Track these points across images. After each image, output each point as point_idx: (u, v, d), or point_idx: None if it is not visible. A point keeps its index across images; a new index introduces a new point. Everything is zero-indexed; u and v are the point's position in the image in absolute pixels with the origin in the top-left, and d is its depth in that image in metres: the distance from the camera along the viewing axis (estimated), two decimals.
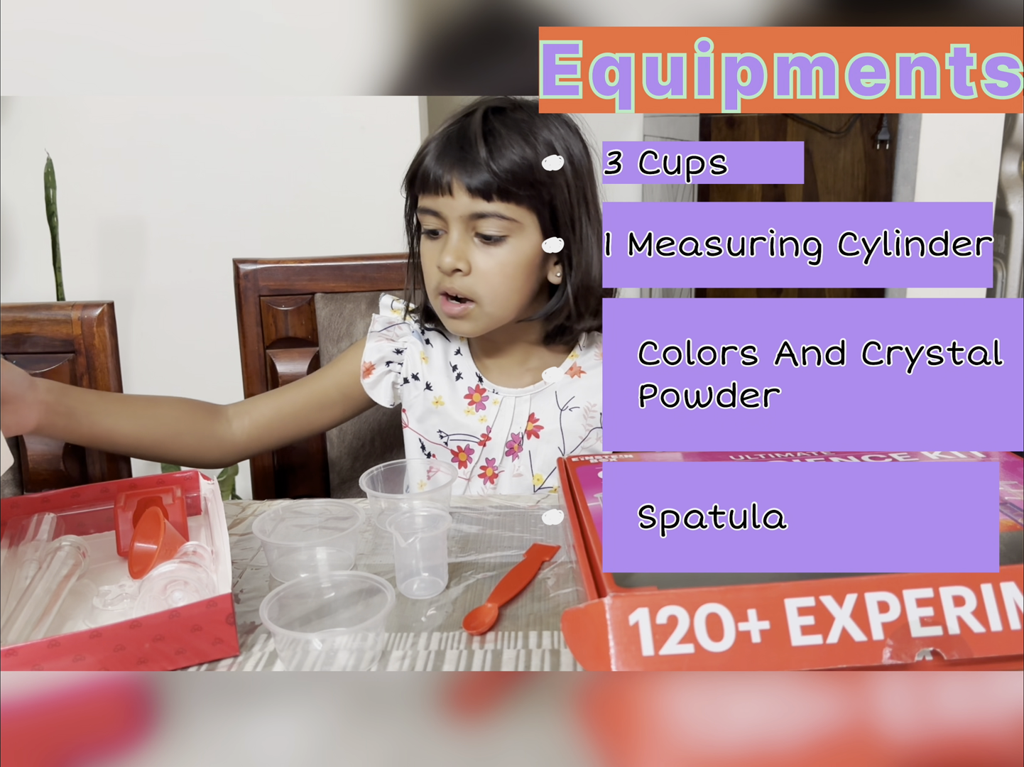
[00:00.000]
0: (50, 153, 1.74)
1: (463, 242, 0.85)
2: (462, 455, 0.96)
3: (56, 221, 1.75)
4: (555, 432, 0.94)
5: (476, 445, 0.95)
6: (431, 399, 0.96)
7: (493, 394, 0.95)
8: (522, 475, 0.95)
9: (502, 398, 0.95)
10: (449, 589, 0.67)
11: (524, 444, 0.95)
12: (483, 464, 0.95)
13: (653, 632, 0.45)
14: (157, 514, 0.72)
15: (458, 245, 0.85)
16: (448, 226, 0.85)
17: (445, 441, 0.96)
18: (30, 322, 1.00)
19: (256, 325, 1.13)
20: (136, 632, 0.57)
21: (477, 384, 0.96)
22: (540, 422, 0.94)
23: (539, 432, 0.94)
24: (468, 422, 0.95)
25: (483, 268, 0.85)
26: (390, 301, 1.00)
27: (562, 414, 0.94)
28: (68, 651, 0.55)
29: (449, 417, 0.96)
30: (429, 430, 0.97)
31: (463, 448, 0.96)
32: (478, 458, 0.95)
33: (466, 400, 0.96)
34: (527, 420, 0.95)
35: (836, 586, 0.47)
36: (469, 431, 0.95)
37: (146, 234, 2.01)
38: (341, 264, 1.14)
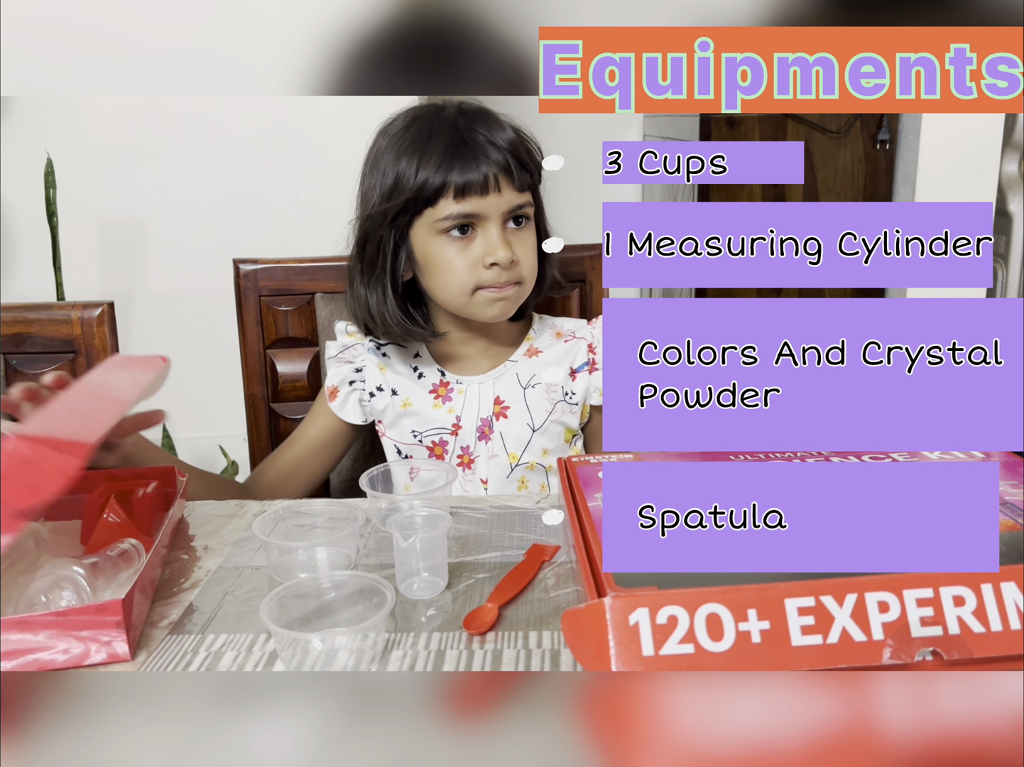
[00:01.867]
0: (50, 153, 1.74)
1: (504, 233, 0.90)
2: (437, 449, 0.99)
3: (56, 221, 1.75)
4: (522, 410, 0.99)
5: (449, 436, 0.98)
6: (399, 403, 0.99)
7: (457, 384, 0.99)
8: (497, 456, 0.98)
9: (466, 387, 0.99)
10: (449, 589, 0.67)
11: (494, 426, 0.98)
12: (459, 453, 0.99)
13: (653, 632, 0.45)
14: (112, 505, 0.72)
15: (504, 237, 0.90)
16: (485, 223, 0.89)
17: (419, 439, 0.99)
18: (30, 322, 1.00)
19: (256, 325, 1.13)
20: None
21: (440, 379, 1.00)
22: (506, 403, 0.99)
23: (506, 412, 0.98)
24: (437, 416, 0.99)
25: (522, 253, 0.92)
26: (344, 326, 1.04)
27: (525, 391, 0.99)
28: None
29: (419, 415, 0.99)
30: (403, 433, 1.00)
31: (437, 442, 0.99)
32: (453, 448, 0.99)
33: (431, 395, 0.99)
34: (493, 403, 0.99)
35: (836, 586, 0.47)
36: (440, 424, 0.99)
37: (146, 234, 2.01)
38: (341, 264, 1.13)
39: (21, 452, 0.56)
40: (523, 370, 1.00)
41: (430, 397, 0.99)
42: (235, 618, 0.64)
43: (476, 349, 1.01)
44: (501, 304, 0.92)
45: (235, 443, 1.81)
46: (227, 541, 0.77)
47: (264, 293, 1.13)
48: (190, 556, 0.75)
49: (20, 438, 0.57)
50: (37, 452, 0.57)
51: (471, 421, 0.98)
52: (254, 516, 0.81)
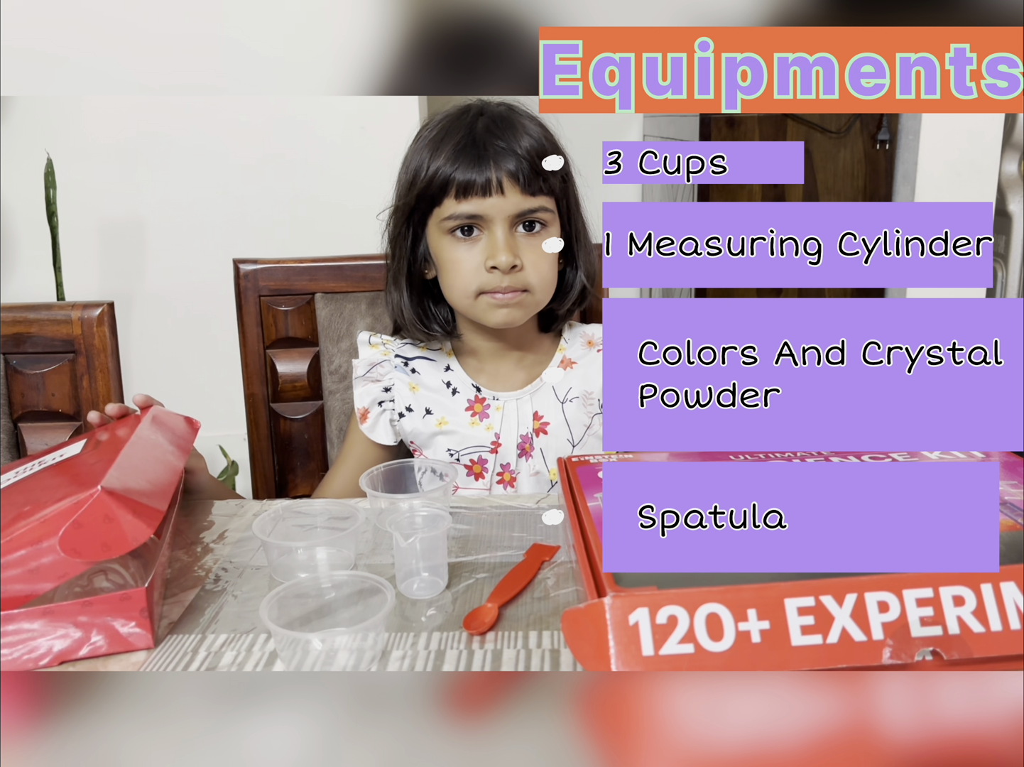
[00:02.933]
0: (50, 153, 1.74)
1: (511, 238, 0.88)
2: (476, 467, 0.96)
3: (56, 221, 1.75)
4: (561, 424, 0.96)
5: (488, 454, 0.96)
6: (433, 423, 0.97)
7: (494, 401, 0.97)
8: (539, 473, 0.96)
9: (503, 403, 0.96)
10: (449, 589, 0.67)
11: (534, 443, 0.96)
12: (499, 471, 0.96)
13: (653, 632, 0.45)
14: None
15: (509, 242, 0.87)
16: (490, 225, 0.87)
17: (456, 458, 0.96)
18: (30, 322, 1.00)
19: (256, 325, 1.13)
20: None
21: (476, 395, 0.97)
22: (545, 418, 0.96)
23: (546, 428, 0.96)
24: (475, 434, 0.96)
25: (532, 259, 0.88)
26: (367, 338, 1.01)
27: (564, 406, 0.97)
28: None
29: (455, 434, 0.96)
30: (438, 452, 0.97)
31: (476, 460, 0.96)
32: (493, 466, 0.96)
33: (468, 413, 0.97)
34: (532, 419, 0.96)
35: (836, 586, 0.47)
36: (478, 442, 0.96)
37: (146, 234, 2.01)
38: (341, 264, 1.14)
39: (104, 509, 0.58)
40: (559, 385, 0.98)
41: (467, 415, 0.96)
42: (235, 618, 0.64)
43: (509, 362, 0.98)
44: (506, 311, 0.89)
45: (235, 443, 1.81)
46: (227, 541, 0.77)
47: (264, 293, 1.13)
48: (190, 556, 0.75)
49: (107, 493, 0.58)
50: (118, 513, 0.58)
51: (511, 438, 0.96)
52: (254, 516, 0.81)
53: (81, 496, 0.58)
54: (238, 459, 1.90)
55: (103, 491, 0.58)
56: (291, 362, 1.15)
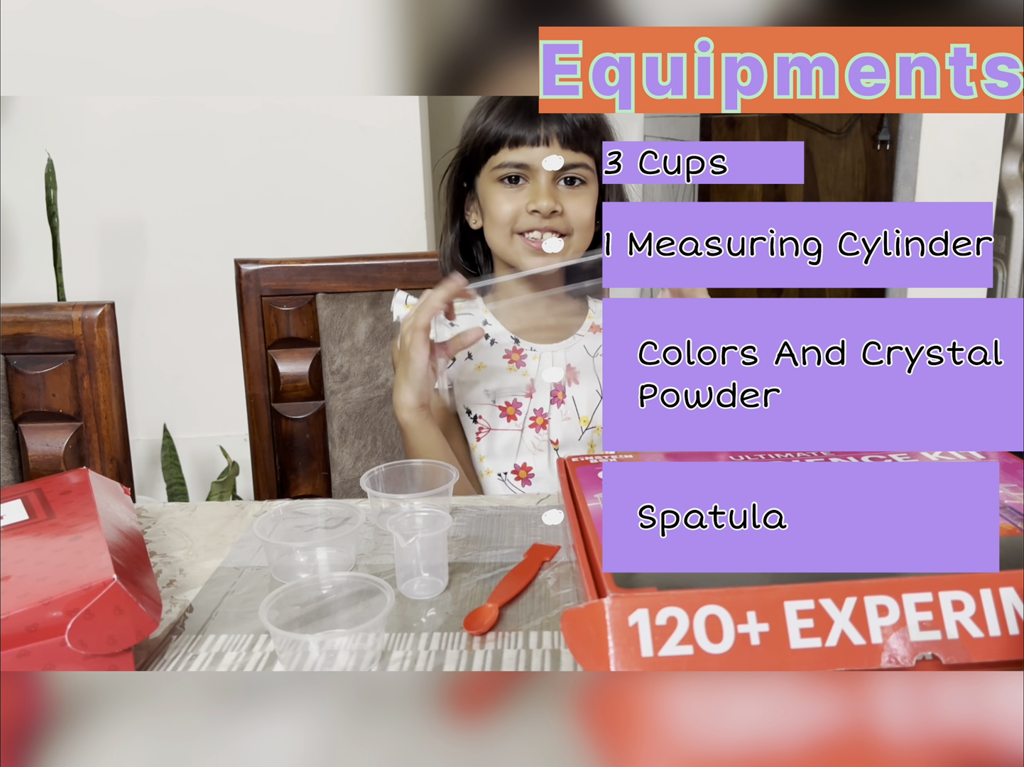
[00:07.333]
0: (50, 153, 1.74)
1: (553, 187, 0.97)
2: (510, 409, 1.03)
3: (57, 221, 1.75)
4: (591, 374, 1.04)
5: (523, 398, 1.03)
6: (472, 367, 1.03)
7: (531, 351, 1.04)
8: (570, 419, 1.03)
9: (540, 353, 1.04)
10: (449, 589, 0.67)
11: (567, 391, 1.03)
12: (531, 414, 1.03)
13: (652, 633, 0.45)
14: None
15: (551, 189, 0.96)
16: (535, 175, 0.96)
17: (493, 399, 1.03)
18: (31, 322, 1.00)
19: (258, 325, 1.13)
20: None
21: (514, 346, 1.05)
22: (576, 369, 1.04)
23: (577, 377, 1.04)
24: (512, 379, 1.03)
25: (573, 207, 0.97)
26: (404, 297, 1.05)
27: (594, 359, 1.05)
28: None
29: (493, 377, 1.04)
30: (476, 394, 1.04)
31: (511, 402, 1.03)
32: (527, 410, 1.03)
33: (505, 360, 1.04)
34: (565, 369, 1.04)
35: (835, 589, 0.46)
36: (514, 385, 1.03)
37: (147, 234, 2.01)
38: (342, 264, 1.14)
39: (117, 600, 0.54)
40: (590, 343, 1.06)
41: (504, 362, 1.04)
42: (235, 618, 0.64)
43: (540, 308, 1.05)
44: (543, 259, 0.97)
45: (236, 443, 1.81)
46: (227, 541, 0.77)
47: (265, 293, 1.13)
48: (190, 556, 0.75)
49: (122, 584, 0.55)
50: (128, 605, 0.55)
51: (545, 384, 1.03)
52: (254, 516, 0.81)
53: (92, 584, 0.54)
54: (239, 460, 1.89)
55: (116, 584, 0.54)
56: (292, 362, 1.15)
